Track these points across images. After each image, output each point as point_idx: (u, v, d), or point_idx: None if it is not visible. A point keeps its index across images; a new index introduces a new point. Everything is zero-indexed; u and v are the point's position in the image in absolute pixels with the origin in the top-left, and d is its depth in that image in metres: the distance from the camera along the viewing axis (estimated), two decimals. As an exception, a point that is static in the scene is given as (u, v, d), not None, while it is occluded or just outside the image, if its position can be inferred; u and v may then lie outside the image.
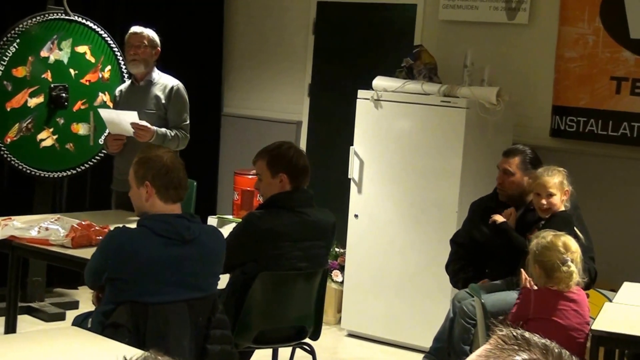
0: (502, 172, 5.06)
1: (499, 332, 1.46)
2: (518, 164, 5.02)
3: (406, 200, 6.13)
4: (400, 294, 6.15)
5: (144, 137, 5.52)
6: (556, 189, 4.76)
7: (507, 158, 5.08)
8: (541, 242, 4.15)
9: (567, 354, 1.43)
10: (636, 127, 6.17)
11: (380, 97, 6.18)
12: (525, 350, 1.40)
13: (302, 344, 4.61)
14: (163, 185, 3.61)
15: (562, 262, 4.09)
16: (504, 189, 5.05)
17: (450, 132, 5.94)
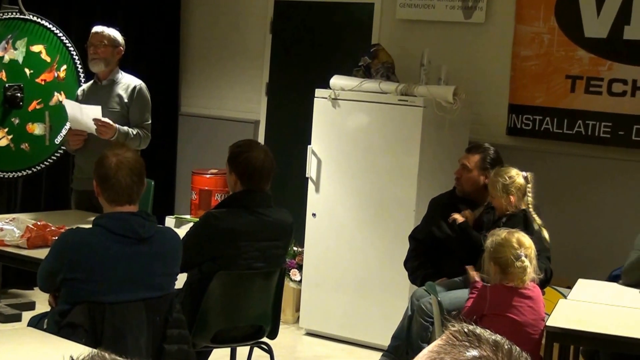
0: (461, 167, 5.11)
1: (451, 327, 1.47)
2: (477, 162, 5.06)
3: (364, 198, 6.14)
4: (359, 292, 6.16)
5: (105, 133, 5.49)
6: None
7: (468, 154, 5.13)
8: (495, 239, 4.19)
9: (518, 350, 1.44)
10: (590, 125, 6.24)
11: (337, 96, 6.18)
12: (476, 347, 1.40)
13: (260, 343, 4.60)
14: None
15: (515, 258, 4.13)
16: (461, 184, 5.10)
17: (407, 131, 5.97)
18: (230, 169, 4.41)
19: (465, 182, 5.07)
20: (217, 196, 6.74)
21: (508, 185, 4.83)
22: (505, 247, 4.14)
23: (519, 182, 4.85)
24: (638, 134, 6.11)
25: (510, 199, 4.83)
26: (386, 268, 5.99)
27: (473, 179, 5.05)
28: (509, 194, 4.83)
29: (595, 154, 6.27)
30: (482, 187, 5.03)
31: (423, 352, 1.46)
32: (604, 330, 3.99)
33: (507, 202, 4.85)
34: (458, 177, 5.12)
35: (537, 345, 4.16)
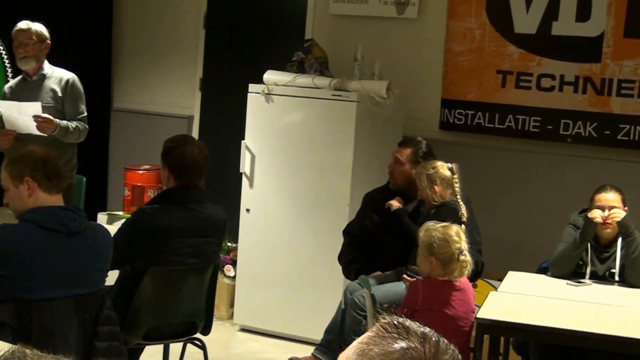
0: (394, 161, 5.15)
1: (381, 320, 1.49)
2: (409, 155, 5.10)
3: (298, 193, 6.15)
4: (293, 287, 6.17)
5: (47, 129, 5.44)
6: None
7: (400, 148, 5.18)
8: (435, 234, 4.20)
9: (445, 342, 1.46)
10: (520, 120, 6.33)
11: (271, 91, 6.18)
12: (405, 339, 1.43)
13: (193, 339, 4.58)
14: (45, 176, 3.55)
15: (459, 252, 4.17)
16: (394, 178, 5.14)
17: (341, 126, 5.99)
18: (163, 164, 4.39)
19: (399, 176, 5.11)
20: (150, 192, 6.69)
21: (432, 175, 4.89)
22: (449, 243, 4.17)
23: (442, 172, 4.91)
24: (566, 128, 6.21)
25: (435, 189, 4.88)
26: (320, 263, 6.01)
27: (406, 172, 5.08)
28: (433, 184, 4.88)
29: (525, 148, 6.36)
30: (415, 180, 5.07)
31: (353, 344, 1.48)
32: (533, 322, 4.06)
33: (432, 192, 4.90)
34: (391, 171, 5.16)
35: (468, 337, 4.20)
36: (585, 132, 6.18)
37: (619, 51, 6.07)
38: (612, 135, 6.11)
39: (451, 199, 4.92)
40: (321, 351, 5.00)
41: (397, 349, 1.41)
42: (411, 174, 5.07)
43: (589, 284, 4.78)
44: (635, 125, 6.04)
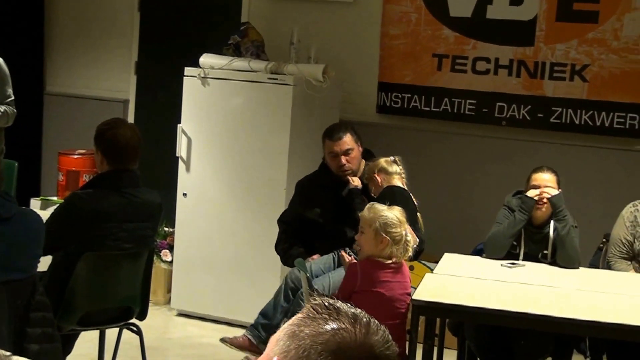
0: (343, 154, 5.04)
1: (312, 301, 1.49)
2: (352, 138, 5.07)
3: (235, 178, 6.13)
4: (231, 272, 6.16)
5: None
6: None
7: (340, 140, 5.04)
8: (387, 214, 4.22)
9: (376, 323, 1.47)
10: (456, 103, 6.38)
11: (207, 74, 6.14)
12: (335, 320, 1.44)
13: (129, 325, 4.54)
14: None
15: (404, 234, 4.20)
16: (351, 168, 5.06)
17: (277, 110, 5.97)
18: (96, 147, 4.33)
19: (354, 162, 5.04)
20: (85, 177, 6.60)
21: (371, 166, 4.93)
22: (396, 226, 4.19)
23: (379, 162, 4.93)
24: (500, 111, 6.28)
25: (375, 178, 4.90)
26: (258, 247, 6.00)
27: (357, 154, 5.07)
28: (372, 174, 4.91)
29: (461, 131, 6.42)
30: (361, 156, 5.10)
31: (284, 325, 1.48)
32: (468, 303, 4.09)
33: (373, 183, 4.93)
34: (344, 164, 5.02)
35: (404, 319, 4.23)
36: (519, 115, 6.25)
37: (552, 35, 6.14)
38: (545, 118, 6.19)
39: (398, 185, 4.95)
40: (253, 333, 4.97)
41: (327, 329, 1.41)
42: (360, 152, 5.08)
43: (523, 265, 4.84)
44: (567, 108, 6.13)
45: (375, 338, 1.43)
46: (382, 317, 3.93)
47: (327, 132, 5.13)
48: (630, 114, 6.00)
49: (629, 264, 4.95)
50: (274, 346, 1.45)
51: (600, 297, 4.34)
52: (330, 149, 5.07)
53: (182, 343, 5.92)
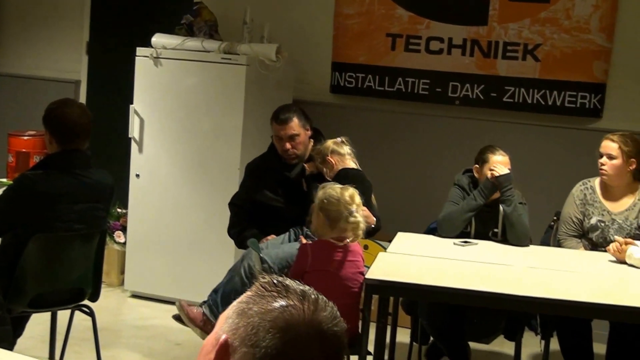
0: (288, 139, 4.97)
1: (261, 279, 1.49)
2: (298, 123, 5.02)
3: (188, 158, 6.10)
4: (184, 252, 6.13)
5: None
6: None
7: (285, 124, 4.97)
8: (328, 192, 4.23)
9: (324, 299, 1.48)
10: (410, 83, 6.39)
11: (159, 54, 6.09)
12: (284, 297, 1.44)
13: (81, 306, 4.51)
14: None
15: (349, 213, 4.19)
16: (295, 153, 5.01)
17: (230, 90, 5.94)
18: (45, 127, 4.29)
19: (300, 148, 5.00)
20: (35, 158, 6.51)
21: (321, 150, 4.92)
22: (339, 202, 4.19)
23: (329, 144, 4.92)
24: (454, 91, 6.30)
25: (329, 160, 4.90)
26: (211, 228, 5.97)
27: (304, 140, 5.01)
28: (324, 156, 4.90)
29: (415, 111, 6.44)
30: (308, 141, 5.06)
31: (233, 303, 1.48)
32: (420, 281, 4.10)
33: (327, 166, 4.92)
34: (289, 149, 5.01)
35: (358, 299, 4.24)
36: (472, 95, 6.28)
37: (505, 14, 6.17)
38: (498, 97, 6.23)
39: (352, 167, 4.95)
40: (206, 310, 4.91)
41: (276, 307, 1.42)
42: (307, 137, 5.04)
43: (476, 243, 4.88)
44: (520, 87, 6.17)
45: (324, 314, 1.44)
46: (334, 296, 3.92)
47: (275, 114, 5.05)
48: (581, 92, 6.05)
49: (579, 242, 5.01)
50: (222, 324, 1.46)
51: (551, 275, 4.39)
52: (277, 132, 5.01)
53: (135, 324, 5.90)
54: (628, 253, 4.56)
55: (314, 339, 1.40)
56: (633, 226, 4.87)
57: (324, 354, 1.41)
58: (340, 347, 1.44)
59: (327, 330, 1.42)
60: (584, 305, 3.99)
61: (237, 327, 1.42)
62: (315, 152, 4.98)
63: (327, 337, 1.42)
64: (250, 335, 1.39)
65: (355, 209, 4.23)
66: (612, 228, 4.89)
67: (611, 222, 4.90)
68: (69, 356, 4.91)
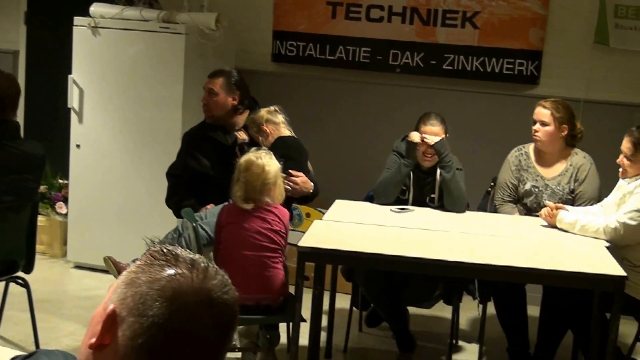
0: (207, 93, 5.06)
1: (152, 248, 1.49)
2: (222, 84, 5.04)
3: (129, 128, 6.06)
4: (127, 223, 6.11)
5: None
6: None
7: (211, 79, 5.08)
8: (248, 157, 4.28)
9: (215, 268, 1.48)
10: (351, 51, 6.39)
11: (98, 24, 6.03)
12: (173, 266, 1.44)
13: (15, 278, 4.48)
14: None
15: (262, 182, 4.23)
16: (209, 110, 5.07)
17: (170, 59, 5.91)
18: None
19: (214, 107, 5.04)
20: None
21: (255, 119, 4.93)
22: (250, 171, 4.24)
23: (263, 113, 4.94)
24: (394, 59, 6.32)
25: (264, 129, 4.91)
26: (153, 198, 5.95)
27: (221, 102, 5.03)
28: (260, 125, 4.91)
29: (356, 79, 6.45)
30: (232, 109, 5.04)
31: (123, 273, 1.48)
32: (356, 248, 4.12)
33: (263, 135, 4.93)
34: (206, 104, 5.08)
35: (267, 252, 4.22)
36: (412, 62, 6.30)
37: (443, -18, 6.19)
38: (437, 65, 6.26)
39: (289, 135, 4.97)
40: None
41: (164, 275, 1.42)
42: (227, 103, 5.03)
43: (412, 210, 4.92)
44: (459, 55, 6.20)
45: (213, 282, 1.43)
46: (240, 246, 3.98)
47: (210, 72, 5.14)
48: (518, 60, 6.10)
49: (514, 207, 5.07)
50: (111, 294, 1.45)
51: (485, 240, 4.44)
52: (204, 85, 5.09)
53: (78, 295, 5.88)
54: (559, 218, 4.64)
55: (203, 307, 1.40)
56: (565, 191, 4.94)
57: (213, 322, 1.41)
58: (230, 315, 1.44)
59: (217, 298, 1.42)
60: (517, 270, 4.05)
61: (125, 296, 1.41)
62: (250, 121, 5.00)
63: (216, 305, 1.42)
64: (138, 305, 1.39)
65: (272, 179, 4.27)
66: (546, 193, 4.96)
67: (544, 188, 4.97)
68: (7, 328, 4.90)
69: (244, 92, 5.07)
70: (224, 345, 1.44)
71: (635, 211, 4.37)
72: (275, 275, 4.21)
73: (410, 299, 5.12)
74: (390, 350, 5.19)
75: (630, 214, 4.39)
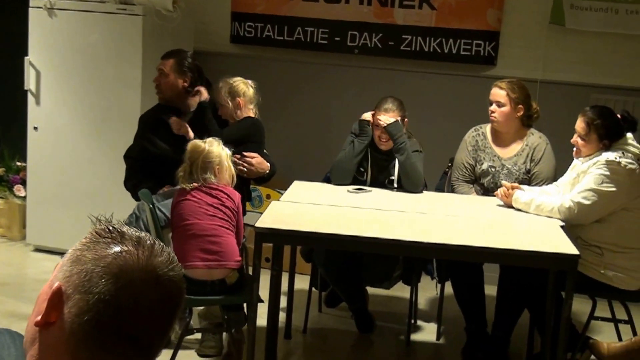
0: (159, 73, 5.04)
1: (97, 226, 1.49)
2: (172, 65, 5.01)
3: (87, 110, 6.03)
4: (86, 205, 6.07)
5: None
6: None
7: (163, 60, 5.05)
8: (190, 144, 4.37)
9: (161, 245, 1.48)
10: (309, 32, 6.39)
11: (53, 5, 5.98)
12: (119, 243, 1.44)
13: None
14: None
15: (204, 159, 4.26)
16: (160, 91, 5.05)
17: (128, 41, 5.88)
18: None
19: (165, 88, 5.02)
20: None
21: (233, 88, 4.89)
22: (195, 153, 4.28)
23: (243, 86, 4.92)
24: (353, 40, 6.33)
25: (238, 101, 4.90)
26: (113, 180, 5.92)
27: (171, 83, 5.00)
28: (235, 96, 4.89)
29: (314, 60, 6.45)
30: (182, 92, 5.02)
31: (69, 251, 1.48)
32: (313, 229, 4.13)
33: (234, 106, 4.91)
34: (157, 84, 5.06)
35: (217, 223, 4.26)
36: (371, 44, 6.32)
37: (400, -37, 6.21)
38: (395, 46, 6.28)
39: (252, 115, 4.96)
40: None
41: (110, 253, 1.42)
42: (177, 85, 5.00)
43: (369, 190, 4.94)
44: (417, 36, 6.22)
45: (159, 259, 1.44)
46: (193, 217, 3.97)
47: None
48: (476, 40, 6.14)
49: (471, 187, 5.12)
50: (57, 272, 1.45)
51: (445, 220, 4.47)
52: (156, 66, 5.10)
53: (38, 278, 5.84)
54: (515, 197, 4.69)
55: (149, 284, 1.41)
56: (521, 171, 4.99)
57: (159, 298, 1.42)
58: (177, 292, 1.45)
59: (163, 275, 1.43)
60: (474, 249, 4.08)
61: (70, 274, 1.42)
62: (225, 84, 4.93)
63: (162, 281, 1.43)
64: (83, 282, 1.40)
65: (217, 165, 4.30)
66: (502, 173, 5.01)
67: (501, 168, 5.02)
68: (-36, 312, 4.88)
69: (196, 75, 5.04)
70: (171, 321, 1.45)
71: (589, 190, 4.42)
72: (228, 242, 4.21)
73: (369, 279, 5.16)
74: (349, 331, 5.23)
75: (583, 194, 4.44)
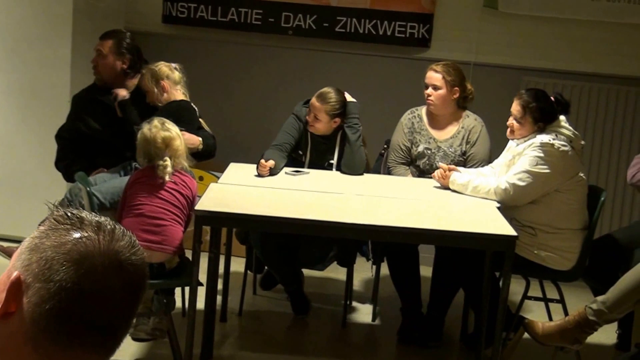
0: (96, 54, 4.98)
1: (55, 213, 1.46)
2: (111, 46, 4.94)
3: (15, 90, 5.89)
4: (13, 187, 5.96)
5: None
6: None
7: (101, 40, 5.00)
8: (147, 133, 4.24)
9: (122, 229, 1.46)
10: (243, 13, 6.34)
11: (-20, -18, 5.83)
12: (78, 229, 1.41)
13: None
14: None
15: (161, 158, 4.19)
16: (98, 72, 4.99)
17: (57, 20, 5.75)
18: None
19: (103, 69, 4.97)
20: None
21: (156, 72, 4.83)
22: (151, 145, 4.21)
23: (165, 69, 4.86)
24: (287, 21, 6.30)
25: (163, 84, 4.83)
26: (40, 162, 5.81)
27: (109, 65, 4.95)
28: (158, 80, 4.83)
29: (248, 41, 6.41)
30: (121, 73, 4.96)
31: (26, 239, 1.44)
32: (251, 211, 4.12)
33: (159, 90, 4.85)
34: (95, 65, 5.00)
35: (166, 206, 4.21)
36: (305, 25, 6.29)
37: (337, -57, 6.19)
38: (330, 27, 6.26)
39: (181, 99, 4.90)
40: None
41: (69, 239, 1.39)
42: (115, 66, 4.94)
43: (307, 172, 4.93)
44: (351, 17, 6.22)
45: (121, 244, 1.42)
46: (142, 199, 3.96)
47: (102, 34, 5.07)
48: (410, 23, 6.16)
49: (407, 169, 5.14)
50: (15, 261, 1.41)
51: (379, 202, 4.49)
52: (94, 47, 5.02)
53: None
54: (451, 179, 4.73)
55: (111, 269, 1.39)
56: (457, 153, 5.03)
57: (122, 283, 1.40)
58: (140, 276, 1.43)
59: (125, 260, 1.40)
60: (410, 231, 4.12)
61: (30, 262, 1.38)
62: (147, 70, 4.88)
63: (124, 266, 1.40)
64: (43, 270, 1.36)
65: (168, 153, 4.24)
66: (438, 155, 5.05)
67: (437, 150, 5.05)
68: None
69: (135, 57, 4.99)
70: (134, 306, 1.43)
71: (524, 172, 4.48)
72: (173, 227, 4.15)
73: (305, 261, 5.16)
74: (285, 312, 5.22)
75: (519, 175, 4.49)
